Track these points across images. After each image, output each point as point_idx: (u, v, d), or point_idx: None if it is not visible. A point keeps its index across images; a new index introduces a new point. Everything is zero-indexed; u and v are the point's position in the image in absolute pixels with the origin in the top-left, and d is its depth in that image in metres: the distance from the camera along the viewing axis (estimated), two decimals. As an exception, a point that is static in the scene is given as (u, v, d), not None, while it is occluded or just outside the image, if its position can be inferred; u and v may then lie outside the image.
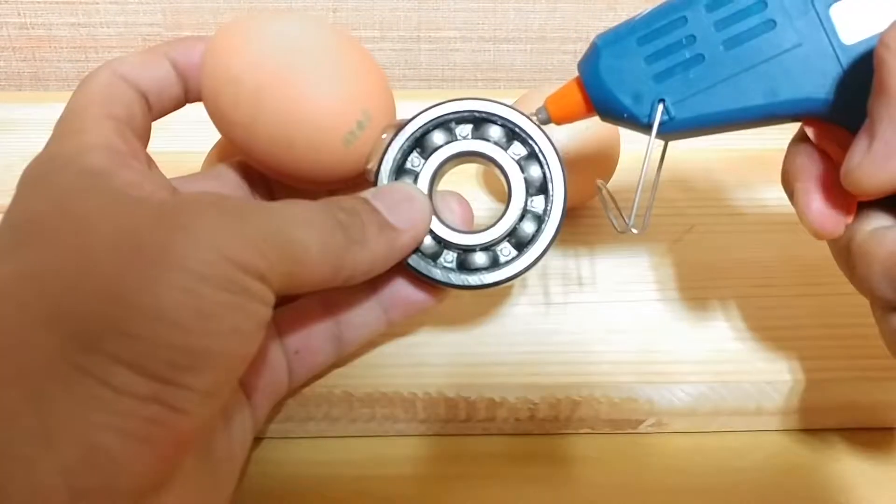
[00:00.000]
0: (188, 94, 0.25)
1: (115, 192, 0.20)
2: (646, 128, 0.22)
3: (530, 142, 0.25)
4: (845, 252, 0.21)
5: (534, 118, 0.24)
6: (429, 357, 0.28)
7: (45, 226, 0.19)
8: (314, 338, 0.25)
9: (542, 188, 0.25)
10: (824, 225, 0.21)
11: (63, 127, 0.22)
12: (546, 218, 0.24)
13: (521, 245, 0.25)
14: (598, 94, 0.22)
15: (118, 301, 0.17)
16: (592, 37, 0.22)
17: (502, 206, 0.25)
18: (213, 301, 0.18)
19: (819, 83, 0.21)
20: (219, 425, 0.22)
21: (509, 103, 0.25)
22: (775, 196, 0.37)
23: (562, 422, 0.28)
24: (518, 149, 0.25)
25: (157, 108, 0.24)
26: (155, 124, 0.25)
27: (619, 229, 0.24)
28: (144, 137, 0.24)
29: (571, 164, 0.25)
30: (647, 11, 0.22)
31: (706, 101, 0.21)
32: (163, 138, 0.26)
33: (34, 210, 0.19)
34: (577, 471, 0.27)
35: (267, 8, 0.50)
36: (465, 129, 0.25)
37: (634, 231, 0.23)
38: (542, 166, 0.25)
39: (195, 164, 0.29)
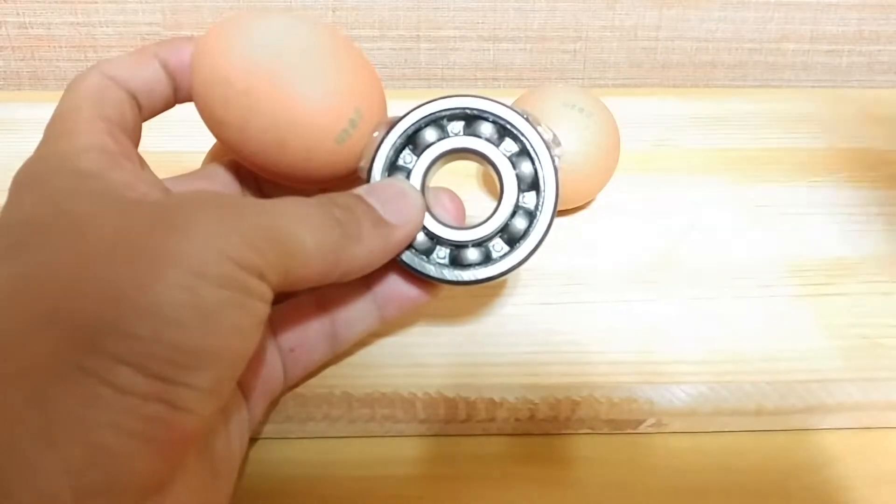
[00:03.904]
0: (178, 95, 0.25)
1: (109, 192, 0.20)
2: None
3: (521, 138, 0.25)
4: None
5: (525, 115, 0.24)
6: (428, 357, 0.28)
7: (39, 227, 0.19)
8: (309, 335, 0.25)
9: (534, 184, 0.25)
10: None
11: (54, 129, 0.22)
12: (538, 214, 0.24)
13: (513, 241, 0.25)
14: None
15: (117, 301, 0.17)
16: (592, 36, 0.22)
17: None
18: (213, 299, 0.18)
19: None
20: (218, 425, 0.22)
21: (502, 101, 0.25)
22: (775, 195, 0.37)
23: (562, 422, 0.28)
24: (509, 145, 0.25)
25: (147, 108, 0.24)
26: (154, 124, 0.25)
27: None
28: (135, 138, 0.24)
29: (572, 164, 0.25)
30: None
31: None
32: (161, 138, 0.26)
33: (28, 211, 0.19)
34: (577, 471, 0.27)
35: (257, 7, 0.49)
36: (457, 126, 0.25)
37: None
38: (533, 163, 0.25)
39: (194, 163, 0.29)
